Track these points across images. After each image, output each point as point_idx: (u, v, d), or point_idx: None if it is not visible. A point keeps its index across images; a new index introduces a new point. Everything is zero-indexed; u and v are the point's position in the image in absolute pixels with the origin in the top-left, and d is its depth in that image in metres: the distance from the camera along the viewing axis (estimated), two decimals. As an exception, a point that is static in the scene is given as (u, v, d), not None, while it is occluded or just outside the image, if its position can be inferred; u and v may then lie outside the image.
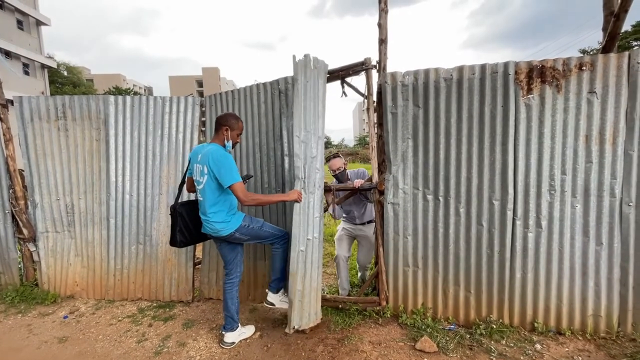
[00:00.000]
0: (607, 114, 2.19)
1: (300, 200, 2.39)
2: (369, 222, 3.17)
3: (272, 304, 2.50)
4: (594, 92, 2.18)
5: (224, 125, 2.26)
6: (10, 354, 2.48)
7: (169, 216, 2.43)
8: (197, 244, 2.81)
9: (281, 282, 2.51)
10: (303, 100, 2.40)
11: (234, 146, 2.36)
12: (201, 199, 2.24)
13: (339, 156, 3.11)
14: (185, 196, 2.96)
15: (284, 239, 2.46)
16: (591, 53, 18.16)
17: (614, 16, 2.30)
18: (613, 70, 2.15)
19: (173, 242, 2.40)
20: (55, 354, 2.47)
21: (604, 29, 2.43)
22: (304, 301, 2.44)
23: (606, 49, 2.38)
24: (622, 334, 2.28)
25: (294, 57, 2.44)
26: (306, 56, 2.42)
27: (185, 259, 3.23)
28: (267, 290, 2.56)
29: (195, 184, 2.29)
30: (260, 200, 2.26)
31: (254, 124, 3.00)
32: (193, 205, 2.41)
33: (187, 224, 2.37)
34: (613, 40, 2.34)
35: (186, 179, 2.46)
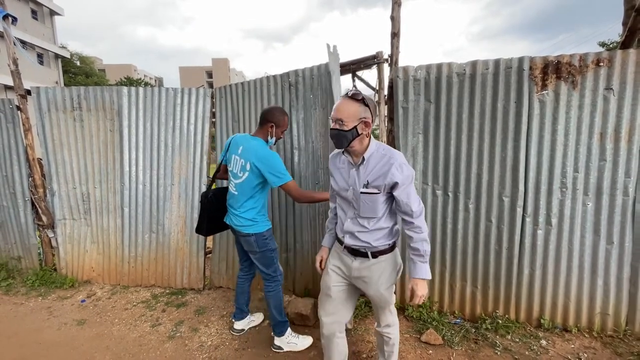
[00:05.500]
0: (623, 111, 2.15)
1: None
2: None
3: (280, 348, 2.33)
4: (611, 88, 2.14)
5: (270, 121, 2.12)
6: (32, 334, 2.61)
7: (199, 203, 2.37)
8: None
9: (285, 324, 2.35)
10: (338, 93, 2.37)
11: (276, 142, 2.23)
12: (235, 192, 2.19)
13: (355, 98, 1.47)
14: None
15: (279, 281, 2.32)
16: (610, 46, 17.51)
17: (634, 10, 2.24)
18: (632, 67, 2.10)
19: (199, 229, 2.39)
20: (75, 335, 2.59)
21: (624, 24, 2.37)
22: None
23: (625, 44, 2.32)
24: (629, 333, 2.28)
25: (327, 45, 2.39)
26: (335, 47, 2.40)
27: (197, 248, 3.31)
28: (272, 334, 2.40)
29: (231, 175, 2.22)
30: (314, 197, 2.14)
31: (264, 116, 3.02)
32: (222, 194, 2.36)
33: (215, 212, 2.34)
34: (633, 36, 2.28)
35: (221, 167, 2.39)
